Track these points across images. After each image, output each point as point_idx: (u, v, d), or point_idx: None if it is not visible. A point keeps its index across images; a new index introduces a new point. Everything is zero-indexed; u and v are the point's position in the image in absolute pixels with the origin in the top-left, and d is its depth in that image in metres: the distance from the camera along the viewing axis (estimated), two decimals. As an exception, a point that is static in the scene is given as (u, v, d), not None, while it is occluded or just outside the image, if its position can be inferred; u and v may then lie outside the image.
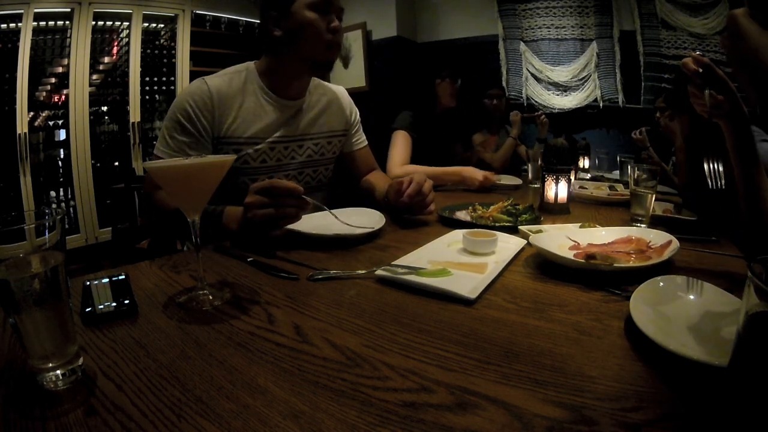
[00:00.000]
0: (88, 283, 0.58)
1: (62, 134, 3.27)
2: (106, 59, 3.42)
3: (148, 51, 3.59)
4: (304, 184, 1.05)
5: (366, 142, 1.29)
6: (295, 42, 0.98)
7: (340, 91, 1.23)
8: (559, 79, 3.49)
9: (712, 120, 0.68)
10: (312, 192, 1.11)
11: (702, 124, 0.72)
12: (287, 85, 1.05)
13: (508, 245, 0.77)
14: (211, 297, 0.57)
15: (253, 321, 0.51)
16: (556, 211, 1.13)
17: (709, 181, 0.74)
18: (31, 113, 3.08)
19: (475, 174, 1.56)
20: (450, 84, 1.92)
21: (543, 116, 2.50)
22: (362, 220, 0.93)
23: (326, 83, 1.21)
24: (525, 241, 0.78)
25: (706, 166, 0.75)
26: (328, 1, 0.97)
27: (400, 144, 1.76)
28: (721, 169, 0.74)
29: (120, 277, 0.61)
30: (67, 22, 3.16)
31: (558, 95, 3.52)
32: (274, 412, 0.35)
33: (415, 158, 1.75)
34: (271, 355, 0.44)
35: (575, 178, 1.61)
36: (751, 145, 0.66)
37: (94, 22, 3.24)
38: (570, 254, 0.69)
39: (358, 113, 1.26)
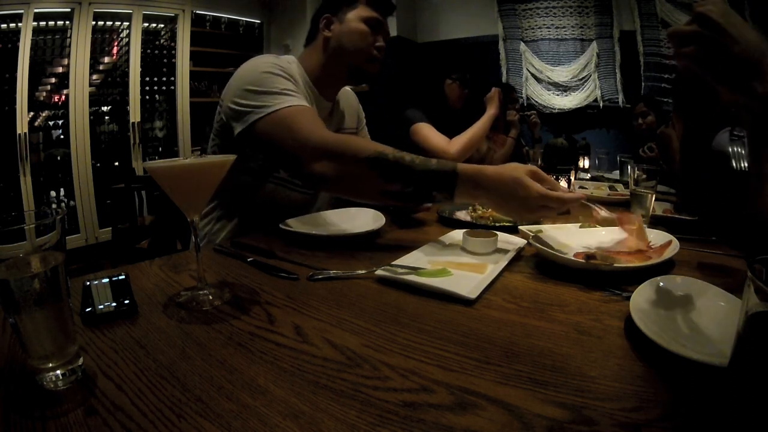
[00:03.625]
0: (88, 283, 0.58)
1: (62, 134, 3.28)
2: (106, 59, 3.42)
3: (148, 51, 3.60)
4: None
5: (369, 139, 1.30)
6: (342, 47, 1.01)
7: (350, 91, 1.28)
8: (559, 79, 3.49)
9: (731, 110, 0.70)
10: None
11: (702, 122, 0.73)
12: (326, 86, 1.07)
13: (508, 245, 0.77)
14: (211, 297, 0.57)
15: (253, 321, 0.51)
16: (556, 211, 1.13)
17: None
18: (31, 113, 3.08)
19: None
20: (459, 87, 2.00)
21: (533, 115, 2.52)
22: (362, 220, 0.94)
23: None
24: (525, 241, 0.78)
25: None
26: (380, 22, 1.03)
27: (432, 131, 1.79)
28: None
29: (120, 277, 0.60)
30: (67, 22, 3.16)
31: (558, 95, 3.52)
32: (274, 412, 0.35)
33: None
34: (271, 355, 0.44)
35: (575, 178, 1.61)
36: (765, 140, 0.66)
37: (94, 22, 3.24)
38: (570, 254, 0.69)
39: (363, 112, 1.33)
